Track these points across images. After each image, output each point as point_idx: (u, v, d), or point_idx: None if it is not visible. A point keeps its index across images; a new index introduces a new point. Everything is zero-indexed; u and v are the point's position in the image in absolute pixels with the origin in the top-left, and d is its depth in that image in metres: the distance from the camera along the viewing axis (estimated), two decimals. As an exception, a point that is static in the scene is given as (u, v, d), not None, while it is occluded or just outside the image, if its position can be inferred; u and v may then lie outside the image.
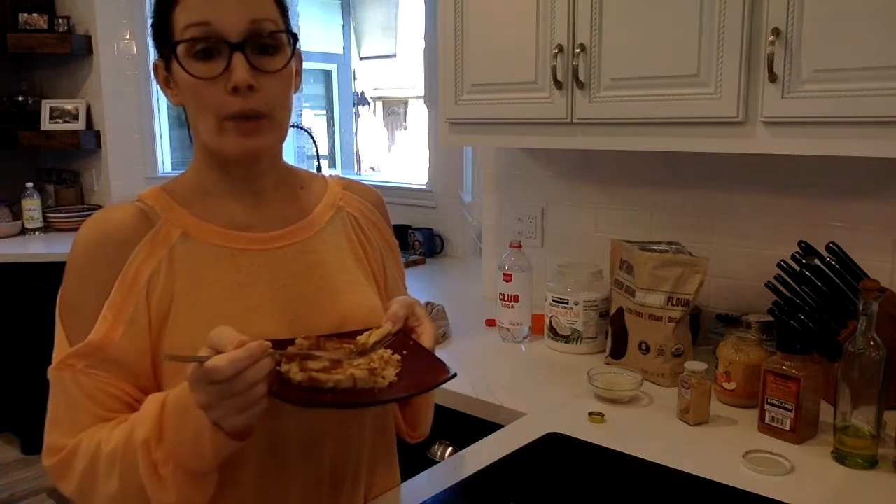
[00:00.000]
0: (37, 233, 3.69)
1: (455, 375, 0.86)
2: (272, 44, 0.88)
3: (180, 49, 0.86)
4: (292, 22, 0.96)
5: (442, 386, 0.88)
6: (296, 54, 0.93)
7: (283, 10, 0.92)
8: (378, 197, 1.11)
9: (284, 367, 0.82)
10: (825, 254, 1.45)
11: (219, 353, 0.75)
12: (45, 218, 3.75)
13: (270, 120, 0.89)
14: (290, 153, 4.13)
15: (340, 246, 1.01)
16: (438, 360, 0.90)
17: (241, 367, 0.73)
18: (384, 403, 0.92)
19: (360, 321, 0.95)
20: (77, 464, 0.84)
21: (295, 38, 0.91)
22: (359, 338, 0.89)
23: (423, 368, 0.88)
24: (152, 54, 3.79)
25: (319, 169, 3.64)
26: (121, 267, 0.87)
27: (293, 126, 3.43)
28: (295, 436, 0.93)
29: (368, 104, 4.85)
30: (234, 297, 0.90)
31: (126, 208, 0.92)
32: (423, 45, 3.11)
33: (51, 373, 0.88)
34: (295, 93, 0.95)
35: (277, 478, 0.93)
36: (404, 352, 0.90)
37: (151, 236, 0.90)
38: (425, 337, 0.92)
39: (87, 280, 0.88)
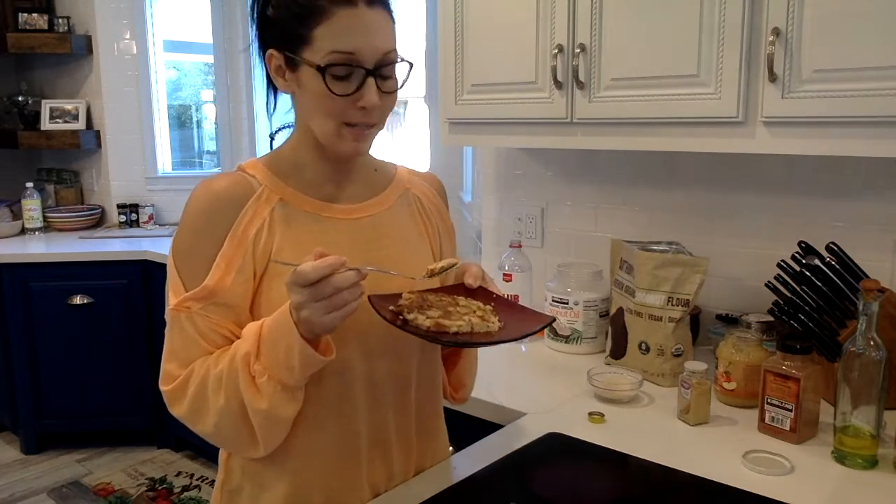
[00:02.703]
0: (37, 233, 3.69)
1: (554, 319, 1.07)
2: (394, 69, 1.04)
3: (326, 69, 0.99)
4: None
5: None
6: None
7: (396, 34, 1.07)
8: (440, 184, 1.26)
9: (411, 316, 0.99)
10: (825, 254, 1.45)
11: None
12: (45, 218, 3.75)
13: (378, 127, 1.06)
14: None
15: (405, 222, 1.16)
16: (527, 308, 1.11)
17: (322, 274, 0.89)
18: (501, 343, 1.07)
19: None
20: (189, 387, 1.00)
21: (412, 66, 1.06)
22: (429, 266, 1.07)
23: (520, 316, 1.06)
24: (151, 54, 3.76)
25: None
26: (230, 223, 1.02)
27: (291, 127, 3.43)
28: (362, 398, 1.08)
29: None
30: None
31: (233, 176, 1.06)
32: (423, 45, 3.11)
33: (169, 313, 1.02)
34: None
35: (349, 432, 1.08)
36: (492, 303, 1.07)
37: (256, 199, 1.04)
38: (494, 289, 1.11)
39: (202, 233, 1.02)
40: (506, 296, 1.13)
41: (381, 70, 1.01)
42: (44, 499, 3.02)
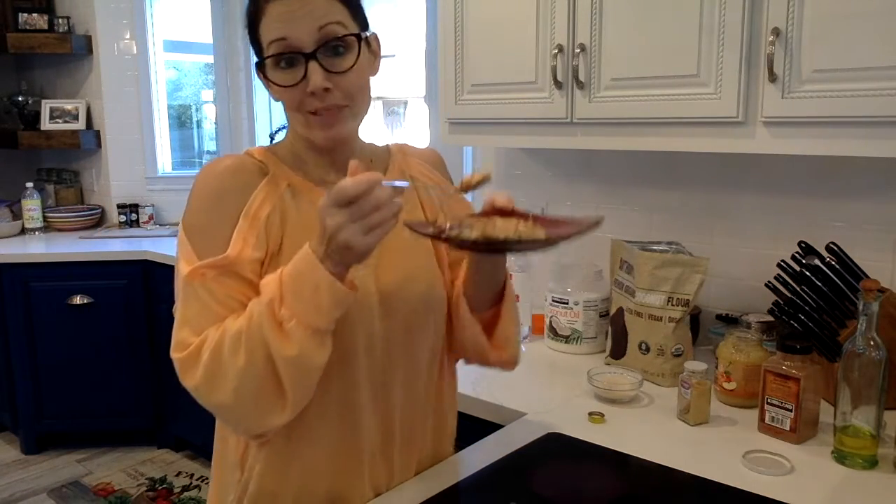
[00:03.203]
0: (37, 233, 3.69)
1: (600, 222, 0.98)
2: (342, 45, 0.99)
3: (267, 63, 1.00)
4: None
5: None
6: (372, 39, 1.06)
7: (352, 7, 1.02)
8: (436, 156, 1.23)
9: (454, 233, 0.95)
10: (825, 254, 1.45)
11: None
12: (45, 218, 3.75)
13: (350, 108, 1.02)
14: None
15: (405, 206, 1.11)
16: (570, 218, 1.03)
17: (362, 189, 0.85)
18: (553, 244, 0.99)
19: (421, 279, 1.10)
20: (203, 353, 0.95)
21: (359, 38, 1.01)
22: (464, 179, 1.03)
23: (563, 224, 0.99)
24: (151, 54, 3.76)
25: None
26: (241, 201, 1.00)
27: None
28: (367, 393, 1.07)
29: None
30: None
31: (241, 157, 1.06)
32: (423, 45, 3.11)
33: (183, 280, 0.99)
34: (373, 75, 1.07)
35: (352, 424, 1.07)
36: (530, 220, 1.00)
37: (267, 181, 1.03)
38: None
39: (216, 207, 1.00)
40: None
41: (326, 50, 0.97)
42: (44, 499, 3.02)
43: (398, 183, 0.89)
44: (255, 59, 1.05)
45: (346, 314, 0.95)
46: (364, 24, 1.04)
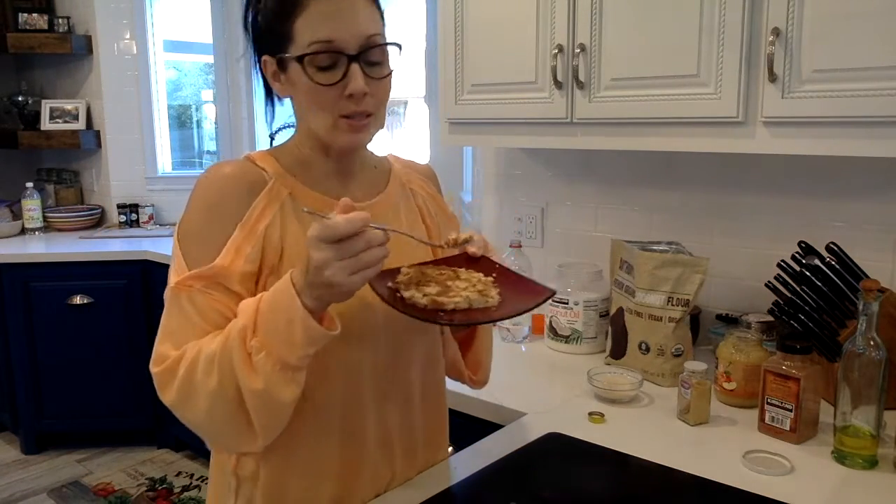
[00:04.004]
0: (37, 233, 3.69)
1: (555, 292, 1.01)
2: (380, 53, 1.01)
3: (305, 60, 0.97)
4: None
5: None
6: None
7: (383, 17, 1.04)
8: (431, 171, 1.25)
9: (408, 294, 0.96)
10: (825, 254, 1.45)
11: None
12: (45, 218, 3.75)
13: (375, 117, 1.03)
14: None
15: (405, 217, 1.15)
16: (530, 279, 1.05)
17: (355, 228, 0.84)
18: (500, 320, 1.02)
19: None
20: (179, 369, 0.93)
21: (400, 48, 1.03)
22: (450, 236, 1.07)
23: (520, 288, 1.01)
24: (151, 54, 3.74)
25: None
26: (244, 209, 0.98)
27: (292, 126, 3.43)
28: (370, 403, 1.07)
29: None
30: None
31: (243, 163, 1.04)
32: (423, 45, 3.11)
33: (169, 290, 0.97)
34: None
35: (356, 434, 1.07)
36: (494, 274, 1.03)
37: (269, 190, 1.01)
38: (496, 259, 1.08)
39: (214, 214, 0.99)
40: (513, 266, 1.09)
41: (367, 55, 0.98)
42: (44, 499, 3.02)
43: (383, 226, 0.89)
44: (253, 50, 1.04)
45: (350, 323, 0.94)
46: (398, 44, 1.05)
